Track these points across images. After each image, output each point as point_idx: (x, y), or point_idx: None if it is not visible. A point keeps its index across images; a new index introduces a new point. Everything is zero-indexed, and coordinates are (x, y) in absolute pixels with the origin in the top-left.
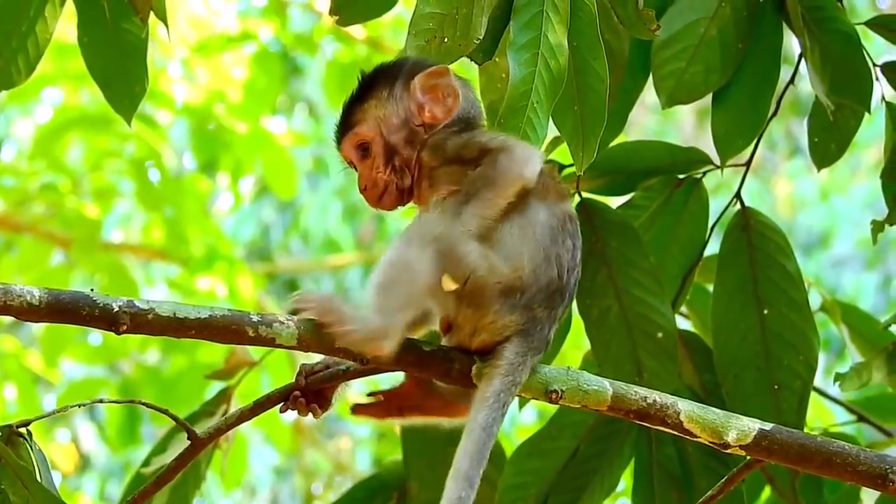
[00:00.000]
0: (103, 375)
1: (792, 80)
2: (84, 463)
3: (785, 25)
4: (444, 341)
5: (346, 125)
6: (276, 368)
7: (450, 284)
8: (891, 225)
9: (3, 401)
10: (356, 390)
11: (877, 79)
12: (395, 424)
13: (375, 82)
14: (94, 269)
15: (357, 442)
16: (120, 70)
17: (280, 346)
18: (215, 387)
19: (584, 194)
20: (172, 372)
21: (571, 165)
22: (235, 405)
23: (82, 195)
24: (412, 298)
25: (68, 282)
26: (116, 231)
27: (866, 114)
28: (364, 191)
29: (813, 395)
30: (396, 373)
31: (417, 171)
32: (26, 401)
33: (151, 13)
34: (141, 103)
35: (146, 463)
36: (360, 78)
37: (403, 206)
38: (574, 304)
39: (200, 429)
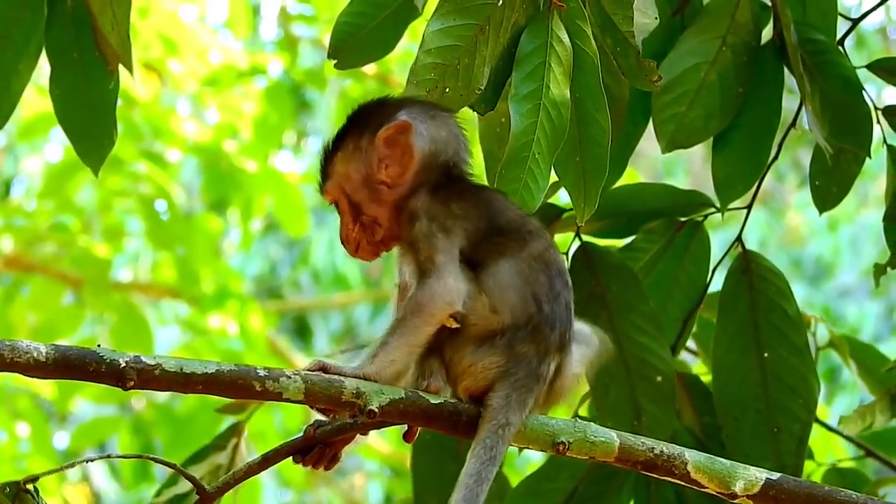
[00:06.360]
0: (115, 414)
1: (794, 124)
2: (96, 501)
3: (786, 69)
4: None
5: (322, 176)
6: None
7: (452, 323)
8: (893, 268)
9: (16, 438)
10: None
11: (878, 122)
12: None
13: (348, 131)
14: (105, 309)
15: (370, 477)
16: (90, 123)
17: (287, 399)
18: (228, 423)
19: (585, 237)
20: (185, 410)
21: (571, 210)
22: (246, 440)
23: (92, 234)
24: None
25: (79, 322)
26: (126, 270)
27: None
28: (342, 243)
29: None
30: None
31: (392, 226)
32: (38, 439)
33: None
34: (150, 144)
35: None
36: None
37: (385, 252)
38: None
39: (209, 464)
